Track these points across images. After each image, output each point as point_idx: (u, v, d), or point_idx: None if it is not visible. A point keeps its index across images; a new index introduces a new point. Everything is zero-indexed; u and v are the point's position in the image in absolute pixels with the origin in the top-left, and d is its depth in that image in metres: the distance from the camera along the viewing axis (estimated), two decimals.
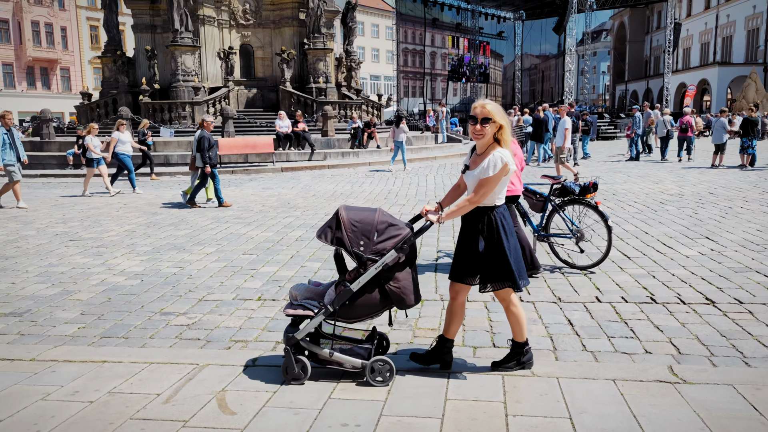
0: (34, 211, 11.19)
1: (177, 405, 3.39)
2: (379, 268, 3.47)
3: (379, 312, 3.63)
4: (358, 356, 3.65)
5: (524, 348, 3.75)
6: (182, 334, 4.65)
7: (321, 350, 3.62)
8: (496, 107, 3.51)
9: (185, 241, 8.12)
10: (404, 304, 3.60)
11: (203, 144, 10.92)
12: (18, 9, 50.45)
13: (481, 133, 3.50)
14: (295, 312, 3.63)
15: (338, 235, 3.50)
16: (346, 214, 3.52)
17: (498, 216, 3.55)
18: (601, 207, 6.21)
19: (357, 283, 3.50)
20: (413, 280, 3.62)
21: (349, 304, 3.54)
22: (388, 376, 3.59)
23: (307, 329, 3.61)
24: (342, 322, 3.66)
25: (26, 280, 6.24)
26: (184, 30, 23.59)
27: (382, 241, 3.49)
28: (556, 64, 63.42)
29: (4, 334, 4.71)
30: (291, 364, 3.59)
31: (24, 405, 3.40)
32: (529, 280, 3.72)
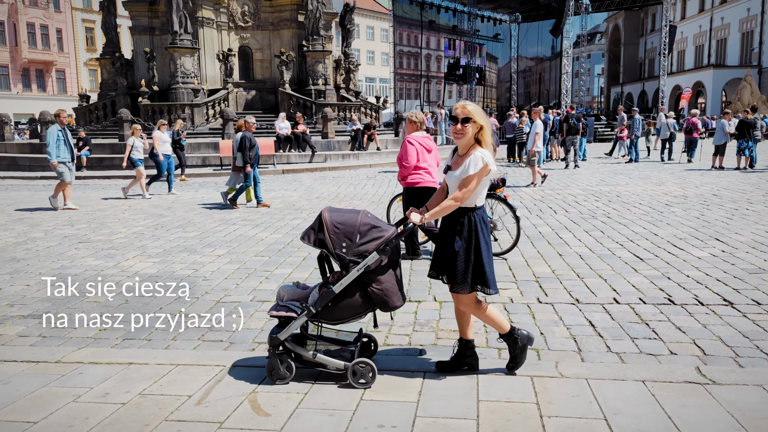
0: (39, 213, 11.14)
1: (210, 407, 3.39)
2: (360, 269, 3.47)
3: (363, 314, 3.65)
4: (341, 358, 3.65)
5: (514, 336, 3.76)
6: (204, 336, 4.65)
7: (305, 351, 3.64)
8: (477, 108, 3.56)
9: (195, 243, 8.11)
10: (387, 306, 3.60)
11: (245, 144, 10.97)
12: (13, 11, 50.28)
13: (461, 133, 3.52)
14: (278, 313, 3.65)
15: (321, 237, 3.51)
16: (329, 215, 3.54)
17: (477, 218, 3.56)
18: (509, 200, 7.08)
19: (339, 284, 3.51)
20: (397, 282, 3.62)
21: (332, 305, 3.56)
22: (370, 377, 3.57)
23: (290, 330, 3.62)
24: (325, 323, 3.66)
25: (41, 281, 6.22)
26: (184, 32, 23.57)
27: (364, 243, 3.49)
28: (550, 66, 63.63)
29: (25, 336, 4.70)
30: (276, 364, 3.61)
31: (56, 407, 3.40)
32: (498, 289, 3.71)
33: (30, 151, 21.61)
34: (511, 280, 6.01)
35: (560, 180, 15.28)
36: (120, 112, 20.80)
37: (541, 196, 12.15)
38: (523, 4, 47.57)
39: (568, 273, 6.21)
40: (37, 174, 18.67)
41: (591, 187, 13.62)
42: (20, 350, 4.35)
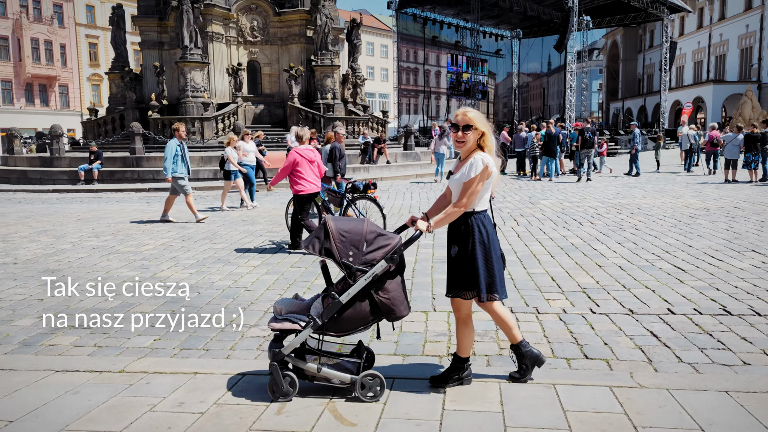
0: (61, 225, 11.08)
1: (291, 416, 3.33)
2: (369, 278, 3.39)
3: (369, 324, 3.54)
4: (346, 371, 3.55)
5: (465, 363, 3.69)
6: (262, 346, 4.58)
7: (308, 365, 3.52)
8: (478, 115, 3.51)
9: (227, 254, 8.06)
10: (394, 316, 3.51)
11: (335, 154, 10.98)
12: (18, 26, 50.43)
13: (462, 140, 3.49)
14: (281, 326, 3.52)
15: (327, 246, 3.42)
16: (334, 224, 3.45)
17: (476, 221, 3.50)
18: (378, 200, 8.51)
19: (346, 294, 3.41)
20: (404, 290, 3.54)
21: (337, 316, 3.45)
22: (379, 390, 3.49)
23: (295, 344, 3.49)
24: (331, 335, 3.55)
25: (82, 292, 6.15)
26: (194, 47, 23.65)
27: (371, 251, 3.42)
28: (548, 81, 64.10)
29: (81, 347, 4.63)
30: (279, 380, 3.47)
31: (134, 416, 3.33)
32: (507, 294, 3.66)
33: (40, 165, 21.56)
34: (558, 290, 5.96)
35: (576, 193, 15.28)
36: (131, 125, 20.78)
37: (562, 209, 12.14)
38: (524, 21, 47.94)
39: (612, 283, 6.17)
40: (48, 187, 18.61)
41: (608, 199, 13.61)
42: (80, 360, 4.28)
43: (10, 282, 6.63)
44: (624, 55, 70.67)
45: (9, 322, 5.23)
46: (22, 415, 3.36)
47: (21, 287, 6.42)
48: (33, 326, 5.12)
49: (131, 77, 26.23)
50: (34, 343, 4.71)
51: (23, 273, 7.09)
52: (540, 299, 5.66)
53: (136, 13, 27.35)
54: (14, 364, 4.15)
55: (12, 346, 4.65)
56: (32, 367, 4.09)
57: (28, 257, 8.02)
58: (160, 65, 24.68)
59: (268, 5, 26.13)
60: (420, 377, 3.81)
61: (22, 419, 3.32)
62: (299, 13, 26.02)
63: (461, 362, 3.69)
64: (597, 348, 4.39)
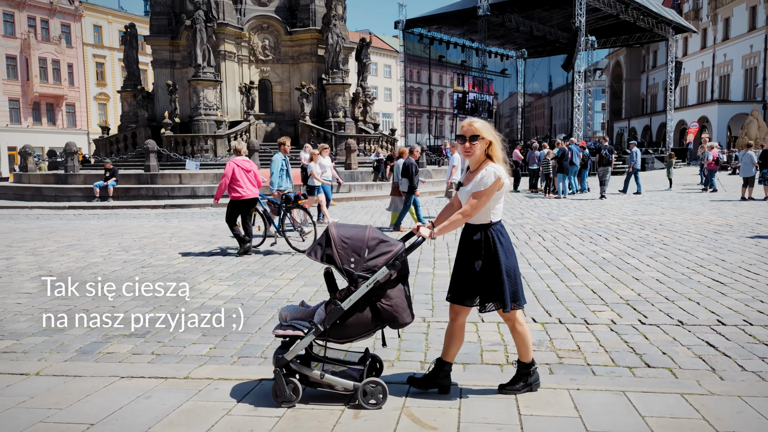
0: (86, 240, 11.11)
1: (369, 420, 3.33)
2: (370, 285, 3.37)
3: (372, 331, 3.53)
4: (350, 378, 3.54)
5: (531, 368, 3.68)
6: None
7: (312, 372, 3.52)
8: (484, 124, 3.51)
9: (260, 267, 8.08)
10: (397, 323, 3.49)
11: (411, 170, 11.11)
12: (26, 46, 50.93)
13: (470, 151, 3.48)
14: (284, 332, 3.54)
15: (328, 252, 3.41)
16: (336, 230, 3.45)
17: (495, 233, 3.50)
18: (309, 209, 9.69)
19: (348, 301, 3.40)
20: (406, 298, 3.52)
21: (340, 323, 3.44)
22: (381, 398, 3.47)
23: (297, 350, 3.50)
24: (333, 342, 3.55)
25: (124, 303, 6.17)
26: (207, 65, 23.91)
27: (373, 257, 3.40)
28: (550, 101, 64.50)
29: (139, 354, 4.65)
30: (282, 386, 3.48)
31: (213, 419, 3.34)
32: (526, 300, 3.64)
33: (55, 182, 21.67)
34: (601, 302, 5.97)
35: (593, 210, 15.31)
36: (146, 143, 20.92)
37: (583, 224, 12.17)
38: (530, 41, 48.47)
39: (654, 296, 6.17)
40: (64, 204, 18.68)
41: (628, 216, 13.64)
42: (141, 367, 4.30)
43: (53, 293, 6.63)
44: (627, 75, 71.22)
45: (61, 331, 5.24)
46: (102, 418, 3.37)
47: (63, 299, 6.43)
48: (85, 335, 5.13)
49: (143, 95, 26.49)
50: (91, 351, 4.72)
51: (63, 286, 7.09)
52: (585, 311, 5.67)
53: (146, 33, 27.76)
54: (78, 370, 4.16)
55: (70, 354, 4.67)
56: (97, 373, 4.10)
57: (62, 270, 8.04)
58: (172, 83, 24.91)
59: (280, 25, 26.44)
60: (486, 386, 3.82)
61: (103, 423, 3.32)
62: (311, 33, 26.32)
63: (444, 366, 3.69)
64: (657, 357, 4.39)
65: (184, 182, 19.97)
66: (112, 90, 58.37)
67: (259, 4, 26.42)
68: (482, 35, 39.95)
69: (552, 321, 5.35)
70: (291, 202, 9.48)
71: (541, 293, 6.37)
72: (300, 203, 9.50)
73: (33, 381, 3.97)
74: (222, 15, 24.60)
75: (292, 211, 9.67)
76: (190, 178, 20.19)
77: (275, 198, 10.30)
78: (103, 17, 57.39)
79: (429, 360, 4.41)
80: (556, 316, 5.48)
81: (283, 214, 9.57)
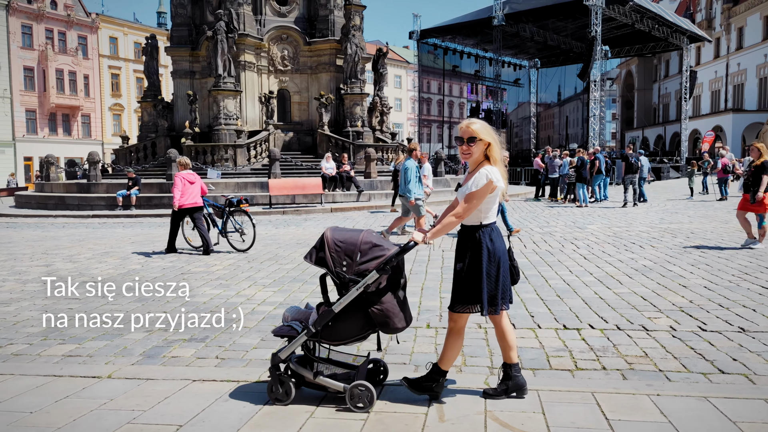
0: (119, 247, 11.17)
1: (456, 424, 3.32)
2: (360, 288, 3.38)
3: (365, 335, 3.56)
4: (343, 380, 3.56)
5: (442, 378, 3.64)
6: (384, 359, 4.57)
7: (306, 372, 3.56)
8: (483, 126, 3.50)
9: (300, 274, 8.08)
10: (389, 328, 3.49)
11: None
12: (43, 57, 51.46)
13: (468, 152, 3.49)
14: (280, 332, 3.63)
15: (321, 255, 3.45)
16: (331, 234, 3.48)
17: (484, 235, 3.47)
18: (249, 212, 10.43)
19: (338, 303, 3.43)
20: (400, 304, 3.50)
21: (332, 325, 3.48)
22: (368, 402, 3.46)
23: (290, 349, 3.57)
24: (326, 343, 3.59)
25: (175, 309, 6.18)
26: (227, 75, 24.06)
27: (364, 261, 3.40)
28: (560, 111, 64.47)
29: (204, 358, 4.65)
30: (275, 383, 3.56)
31: (300, 421, 3.36)
32: (509, 306, 3.61)
33: (77, 191, 21.81)
34: (654, 309, 5.92)
35: (618, 218, 15.24)
36: (168, 152, 21.04)
37: (613, 233, 12.11)
38: (543, 50, 48.52)
39: (707, 303, 6.11)
40: (87, 213, 18.79)
41: (656, 224, 13.57)
42: (208, 371, 4.31)
43: (101, 300, 6.66)
44: (639, 85, 71.11)
45: (120, 335, 5.25)
46: (188, 420, 3.37)
47: (113, 304, 6.46)
48: (145, 339, 5.15)
49: (163, 105, 26.66)
50: (155, 355, 4.73)
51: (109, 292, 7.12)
52: (640, 317, 5.62)
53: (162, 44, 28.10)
54: (149, 374, 4.17)
55: (135, 358, 4.68)
56: (168, 376, 4.10)
57: (103, 277, 8.07)
58: (193, 93, 25.08)
59: (299, 35, 26.61)
60: (565, 389, 3.79)
61: (191, 424, 3.32)
62: (329, 43, 26.46)
63: (439, 374, 3.63)
64: (728, 363, 4.35)
65: None
66: (127, 101, 58.95)
67: (279, 15, 26.60)
68: (497, 45, 40.03)
69: (610, 327, 5.31)
70: (233, 206, 10.43)
71: (591, 300, 6.33)
72: (241, 207, 10.39)
73: (107, 383, 3.98)
74: (242, 26, 24.79)
75: (233, 215, 10.54)
76: (211, 188, 20.22)
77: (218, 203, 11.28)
78: (119, 29, 58.00)
79: (496, 365, 4.38)
80: (612, 323, 5.44)
81: (226, 217, 10.48)
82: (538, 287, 7.00)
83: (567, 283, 7.20)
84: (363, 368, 3.59)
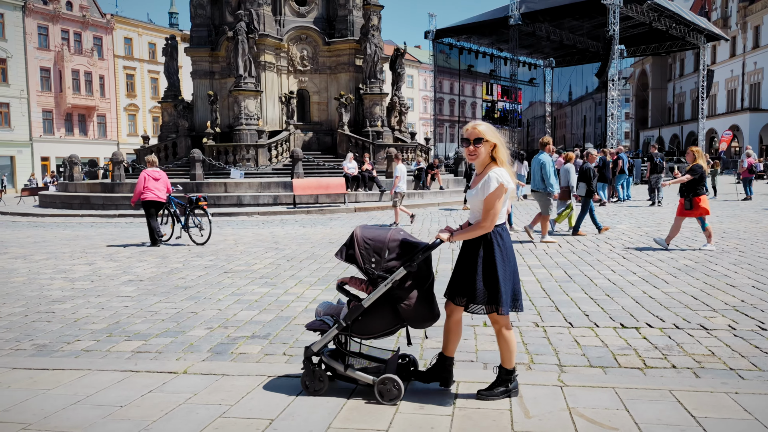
0: (170, 247, 11.26)
1: (544, 420, 3.34)
2: (388, 284, 3.47)
3: (394, 329, 3.64)
4: (371, 373, 3.64)
5: (512, 375, 3.65)
6: None
7: (337, 365, 3.66)
8: (488, 127, 3.53)
9: (341, 272, 8.13)
10: (416, 323, 3.59)
11: (589, 173, 11.43)
12: (59, 58, 51.84)
13: (474, 154, 3.51)
14: (312, 326, 3.78)
15: (351, 252, 3.55)
16: (361, 232, 3.57)
17: (494, 236, 3.50)
18: (207, 209, 11.43)
19: (367, 299, 3.53)
20: (428, 300, 3.57)
21: (362, 319, 3.57)
22: (396, 394, 3.54)
23: (322, 342, 3.67)
24: (357, 337, 3.70)
25: (228, 307, 6.25)
26: (248, 75, 24.17)
27: (392, 258, 3.49)
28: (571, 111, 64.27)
29: (272, 354, 4.71)
30: (309, 375, 3.68)
31: (388, 417, 3.38)
32: (523, 306, 3.67)
33: (102, 191, 22.00)
34: (708, 308, 5.92)
35: (645, 218, 15.19)
36: (192, 152, 21.16)
37: (644, 232, 12.10)
38: (558, 50, 48.41)
39: (759, 302, 6.09)
40: (113, 212, 18.94)
41: (686, 224, 13.44)
42: (279, 367, 4.37)
43: (153, 297, 6.75)
44: (653, 84, 70.73)
45: (182, 332, 5.32)
46: (278, 414, 3.42)
47: (166, 302, 6.53)
48: (208, 336, 5.21)
49: (184, 106, 26.81)
50: (223, 352, 4.78)
51: (158, 289, 7.22)
52: (696, 316, 5.62)
53: None
54: (223, 369, 4.22)
55: (204, 354, 4.74)
56: (243, 372, 4.15)
57: (148, 275, 8.16)
58: (214, 94, 25.21)
59: (318, 35, 26.69)
60: (642, 387, 3.81)
61: (281, 418, 3.37)
62: (349, 43, 26.52)
63: (446, 360, 3.73)
64: None
65: (229, 191, 20.18)
66: (142, 101, 59.33)
67: (298, 16, 26.69)
68: (513, 44, 39.96)
69: (668, 326, 5.31)
70: (193, 204, 11.40)
71: (642, 299, 6.33)
72: (200, 205, 11.37)
73: (185, 379, 4.04)
74: (263, 26, 24.89)
75: (194, 211, 11.49)
76: (235, 187, 20.39)
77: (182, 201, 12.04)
78: (133, 30, 58.36)
79: (564, 363, 4.41)
80: (670, 322, 5.44)
81: (187, 214, 11.49)
82: (585, 286, 7.01)
83: (613, 282, 7.20)
84: (393, 362, 3.67)
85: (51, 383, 3.98)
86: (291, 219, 16.92)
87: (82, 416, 3.44)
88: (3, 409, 3.54)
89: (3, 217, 21.00)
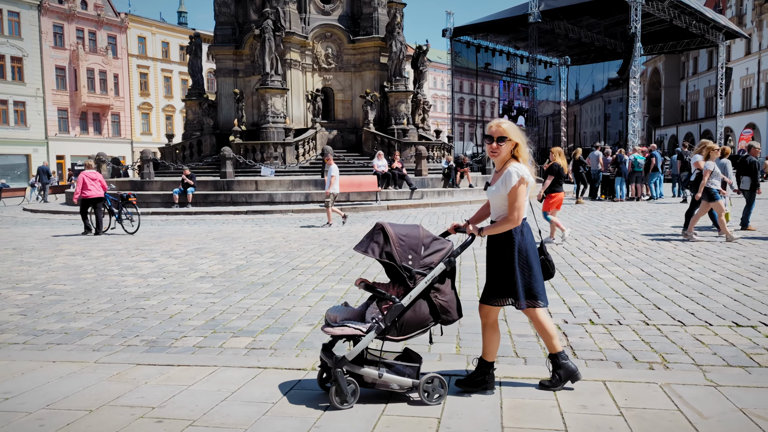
0: (205, 243, 11.18)
1: (723, 422, 3.23)
2: (428, 281, 3.42)
3: (427, 328, 3.54)
4: (406, 376, 3.51)
5: (491, 369, 3.67)
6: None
7: (369, 371, 3.47)
8: (512, 126, 3.58)
9: None
10: (449, 318, 3.54)
11: (754, 167, 11.20)
12: (74, 57, 51.93)
13: (496, 152, 3.55)
14: (342, 331, 3.49)
15: (387, 250, 3.42)
16: (393, 229, 3.47)
17: (515, 231, 3.52)
18: (135, 203, 13.54)
19: (408, 297, 3.42)
20: (456, 296, 3.58)
21: (398, 320, 3.45)
22: (443, 391, 3.49)
23: (358, 349, 3.47)
24: (390, 340, 3.52)
25: (318, 303, 6.15)
26: (274, 73, 24.10)
27: (429, 254, 3.47)
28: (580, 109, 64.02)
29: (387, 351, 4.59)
30: (344, 387, 3.41)
31: (557, 415, 3.26)
32: (548, 301, 3.65)
33: (131, 189, 21.92)
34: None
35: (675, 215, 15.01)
36: (223, 150, 21.07)
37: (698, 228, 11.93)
38: (575, 48, 48.20)
39: None
40: (146, 210, 18.83)
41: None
42: None
43: (238, 295, 6.66)
44: (666, 82, 70.37)
45: (286, 329, 5.22)
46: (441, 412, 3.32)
47: (252, 298, 6.44)
48: (313, 333, 5.11)
49: (208, 104, 26.76)
50: (340, 348, 4.67)
51: (236, 286, 7.13)
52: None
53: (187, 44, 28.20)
54: None
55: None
56: None
57: (218, 272, 8.07)
58: (240, 92, 25.16)
59: (343, 33, 26.60)
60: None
61: (447, 416, 3.27)
62: (374, 41, 26.42)
63: (487, 366, 3.67)
64: None
65: (261, 189, 20.11)
66: (155, 100, 59.39)
67: (323, 13, 26.61)
68: (532, 42, 39.78)
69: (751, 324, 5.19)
70: (124, 200, 13.45)
71: (740, 297, 6.20)
72: (129, 200, 13.43)
73: None
74: (288, 24, 24.81)
75: (126, 206, 13.51)
76: (266, 185, 20.31)
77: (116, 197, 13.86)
78: (147, 29, 58.42)
79: (700, 363, 4.30)
80: (732, 319, 5.34)
81: (120, 208, 13.49)
82: (672, 284, 6.88)
83: (698, 281, 7.06)
84: (420, 361, 3.63)
85: (186, 379, 3.90)
86: (326, 217, 16.80)
87: (239, 413, 3.35)
88: (158, 405, 3.45)
89: (35, 215, 20.98)
